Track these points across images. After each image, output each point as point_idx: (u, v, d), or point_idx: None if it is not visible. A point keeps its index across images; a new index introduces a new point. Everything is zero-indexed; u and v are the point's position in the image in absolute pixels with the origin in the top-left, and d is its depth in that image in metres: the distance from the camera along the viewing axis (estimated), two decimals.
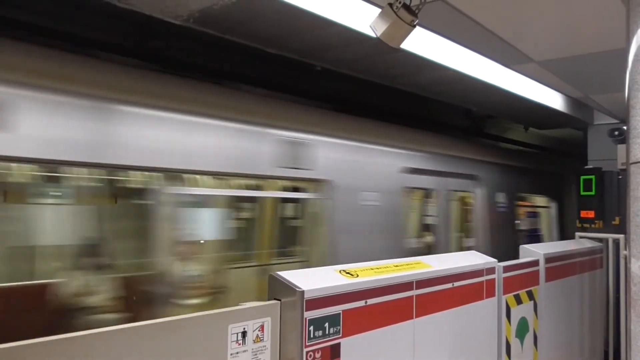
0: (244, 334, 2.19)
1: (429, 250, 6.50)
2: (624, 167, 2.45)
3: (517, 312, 4.04)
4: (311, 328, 2.38)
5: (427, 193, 6.63)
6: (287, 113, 4.90)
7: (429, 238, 6.72)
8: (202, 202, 5.05)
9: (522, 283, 4.15)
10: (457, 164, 6.98)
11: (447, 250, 6.62)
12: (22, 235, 4.99)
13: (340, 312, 2.54)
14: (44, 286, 4.26)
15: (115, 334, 1.84)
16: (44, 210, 5.04)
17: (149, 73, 4.16)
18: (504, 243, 7.45)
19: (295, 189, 5.23)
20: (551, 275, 4.59)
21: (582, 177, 6.39)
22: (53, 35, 4.17)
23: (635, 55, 2.28)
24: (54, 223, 5.16)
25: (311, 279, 2.48)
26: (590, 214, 6.26)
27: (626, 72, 2.37)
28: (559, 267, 4.76)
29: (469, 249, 6.69)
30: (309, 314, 2.37)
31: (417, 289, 3.02)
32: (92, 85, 3.53)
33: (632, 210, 2.23)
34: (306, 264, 5.19)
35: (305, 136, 4.82)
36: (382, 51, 4.42)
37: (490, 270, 3.71)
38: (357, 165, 5.37)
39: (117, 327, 1.86)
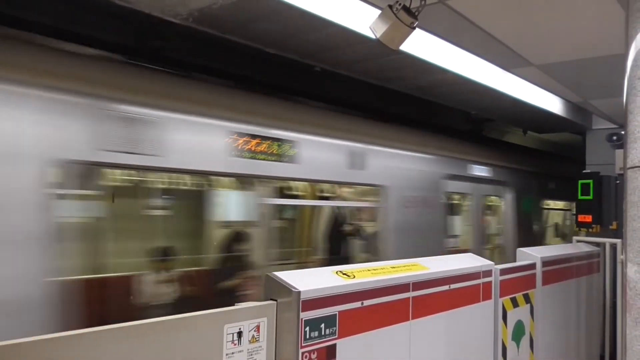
0: (239, 334, 2.19)
1: None
2: (621, 171, 2.45)
3: (514, 315, 4.04)
4: (307, 329, 2.37)
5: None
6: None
7: None
8: None
9: (519, 286, 4.15)
10: None
11: None
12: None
13: (337, 313, 2.53)
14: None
15: (109, 334, 1.83)
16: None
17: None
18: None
19: None
20: (548, 278, 4.59)
21: (580, 181, 6.41)
22: (51, 34, 4.16)
23: (634, 60, 2.28)
24: None
25: (308, 280, 2.48)
26: (588, 218, 6.27)
27: (625, 77, 2.38)
28: (556, 270, 4.76)
29: None
30: (305, 315, 2.36)
31: (413, 290, 3.02)
32: None
33: (629, 215, 2.23)
34: None
35: None
36: (382, 53, 4.42)
37: (487, 273, 3.71)
38: None
39: (111, 327, 1.85)
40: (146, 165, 3.68)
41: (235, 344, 2.17)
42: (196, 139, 3.91)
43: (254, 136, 4.22)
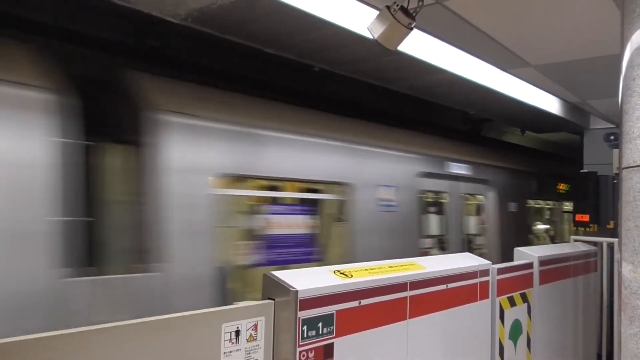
0: (237, 333, 2.20)
1: None
2: (618, 171, 2.47)
3: (511, 314, 4.06)
4: (305, 328, 2.39)
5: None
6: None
7: None
8: None
9: (516, 285, 4.16)
10: None
11: None
12: None
13: (334, 312, 2.55)
14: None
15: (109, 332, 1.85)
16: None
17: None
18: None
19: None
20: (545, 278, 4.60)
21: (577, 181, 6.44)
22: (51, 33, 4.17)
23: (629, 61, 2.30)
24: None
25: (305, 279, 2.49)
26: (585, 218, 6.29)
27: (620, 77, 2.39)
28: (553, 270, 4.77)
29: None
30: (303, 314, 2.38)
31: (411, 290, 3.04)
32: None
33: (624, 215, 2.25)
34: None
35: None
36: (380, 53, 4.43)
37: (484, 272, 3.73)
38: None
39: (110, 325, 1.86)
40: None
41: (233, 343, 2.18)
42: (547, 187, 8.94)
43: (560, 181, 9.04)
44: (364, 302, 2.72)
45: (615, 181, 6.17)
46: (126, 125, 3.52)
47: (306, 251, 4.57)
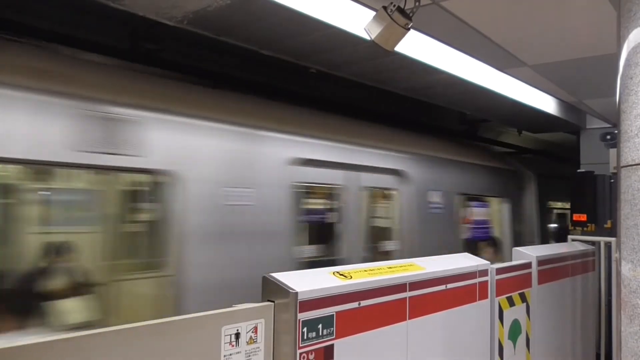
0: (237, 335, 2.19)
1: None
2: (615, 170, 2.47)
3: (510, 314, 4.06)
4: (305, 329, 2.38)
5: None
6: None
7: None
8: None
9: (514, 285, 4.17)
10: None
11: None
12: None
13: (334, 313, 2.54)
14: None
15: (107, 336, 1.84)
16: None
17: None
18: None
19: None
20: (544, 277, 4.61)
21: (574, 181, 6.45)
22: (45, 36, 4.16)
23: (626, 60, 2.31)
24: None
25: (305, 281, 2.49)
26: (583, 217, 6.30)
27: (617, 76, 2.40)
28: (551, 269, 4.78)
29: None
30: (303, 316, 2.37)
31: (410, 290, 3.03)
32: None
33: (622, 214, 2.26)
34: None
35: None
36: (377, 54, 4.44)
37: (483, 273, 3.73)
38: None
39: (110, 329, 1.85)
40: None
41: (233, 345, 2.17)
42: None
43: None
44: (364, 303, 2.71)
45: (612, 180, 6.19)
46: (524, 183, 8.24)
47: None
